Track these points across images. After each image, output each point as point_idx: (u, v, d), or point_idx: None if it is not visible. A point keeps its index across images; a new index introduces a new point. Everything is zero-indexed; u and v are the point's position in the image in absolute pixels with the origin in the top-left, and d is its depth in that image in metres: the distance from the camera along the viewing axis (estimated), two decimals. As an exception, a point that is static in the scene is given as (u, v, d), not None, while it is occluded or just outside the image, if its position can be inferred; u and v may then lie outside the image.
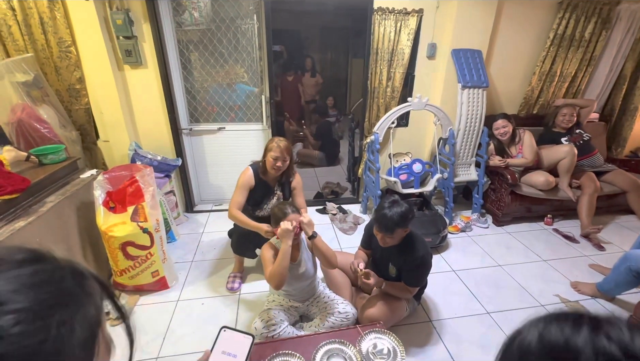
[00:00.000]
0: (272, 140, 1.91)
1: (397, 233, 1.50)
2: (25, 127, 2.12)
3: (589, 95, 3.15)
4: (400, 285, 1.62)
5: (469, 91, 2.66)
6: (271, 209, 1.65)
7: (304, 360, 1.26)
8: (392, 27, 2.56)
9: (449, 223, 2.80)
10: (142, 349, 1.67)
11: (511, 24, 2.76)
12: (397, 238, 1.54)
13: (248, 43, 2.64)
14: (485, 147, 2.80)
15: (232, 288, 2.07)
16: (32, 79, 2.16)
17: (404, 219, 1.48)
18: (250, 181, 1.93)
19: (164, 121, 2.66)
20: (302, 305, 1.74)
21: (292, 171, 2.01)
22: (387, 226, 1.48)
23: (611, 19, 2.82)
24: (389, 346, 1.34)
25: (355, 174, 3.25)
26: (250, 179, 1.93)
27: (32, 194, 1.70)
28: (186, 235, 2.69)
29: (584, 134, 2.83)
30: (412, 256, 1.55)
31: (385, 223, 1.48)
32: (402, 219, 1.47)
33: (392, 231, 1.48)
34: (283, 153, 1.86)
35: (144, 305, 1.96)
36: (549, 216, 2.88)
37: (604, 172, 2.86)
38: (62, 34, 2.20)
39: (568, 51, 2.88)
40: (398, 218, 1.46)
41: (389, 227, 1.47)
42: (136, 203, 1.92)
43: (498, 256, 2.44)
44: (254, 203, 1.98)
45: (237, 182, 1.92)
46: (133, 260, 1.91)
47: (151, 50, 2.42)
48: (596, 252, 2.50)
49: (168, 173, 2.65)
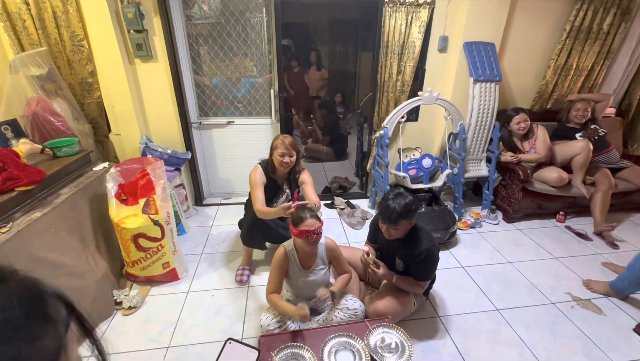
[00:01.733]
0: (277, 137, 1.95)
1: (402, 224, 1.50)
2: (39, 120, 2.16)
3: (605, 89, 3.06)
4: (411, 280, 1.62)
5: (481, 85, 2.61)
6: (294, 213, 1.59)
7: (312, 352, 1.27)
8: (403, 19, 2.51)
9: (458, 219, 2.78)
10: (154, 339, 1.71)
11: (526, 16, 2.69)
12: (402, 230, 1.54)
13: (257, 36, 2.63)
14: (496, 143, 2.75)
15: (241, 281, 2.10)
16: (46, 73, 2.20)
17: (408, 211, 1.47)
18: (263, 177, 1.96)
19: (173, 114, 2.68)
20: (309, 302, 1.74)
21: (299, 167, 2.05)
22: (391, 217, 1.47)
23: (631, 10, 2.72)
24: (397, 341, 1.34)
25: (363, 169, 3.23)
26: (262, 176, 1.97)
27: (47, 186, 1.74)
28: (196, 228, 2.72)
29: (600, 129, 2.76)
30: (418, 250, 1.55)
31: (389, 214, 1.48)
32: (406, 210, 1.46)
33: (396, 222, 1.48)
34: (289, 149, 1.91)
35: (155, 296, 2.00)
36: (561, 213, 2.83)
37: (619, 168, 2.79)
38: (75, 28, 2.22)
39: (585, 44, 2.80)
40: (402, 209, 1.46)
41: (393, 218, 1.47)
42: (147, 195, 1.95)
43: (508, 253, 2.41)
44: (265, 199, 1.99)
45: (250, 181, 1.96)
46: (145, 252, 1.94)
47: (161, 44, 2.43)
48: (610, 250, 2.45)
49: (178, 166, 2.68)
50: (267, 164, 2.02)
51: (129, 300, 1.88)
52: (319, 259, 1.63)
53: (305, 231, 1.42)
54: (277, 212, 1.79)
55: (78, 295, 1.67)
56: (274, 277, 1.56)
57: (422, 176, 2.64)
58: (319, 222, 1.47)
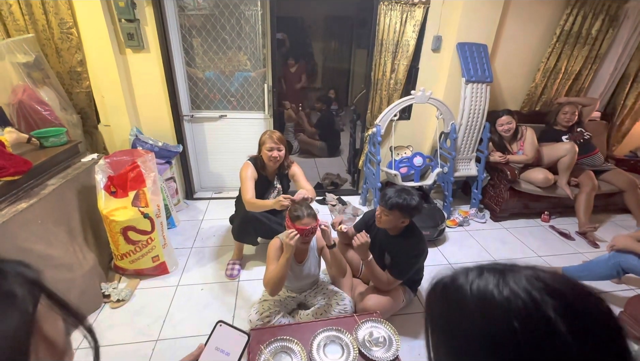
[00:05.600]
0: (264, 133, 1.96)
1: (394, 214, 1.51)
2: (26, 109, 2.11)
3: (592, 93, 3.15)
4: (383, 273, 1.62)
5: (472, 86, 2.65)
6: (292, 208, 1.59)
7: (301, 346, 1.29)
8: (398, 18, 2.53)
9: (447, 217, 2.82)
10: (143, 332, 1.70)
11: (518, 19, 2.74)
12: (392, 222, 1.55)
13: (251, 30, 2.61)
14: (486, 143, 2.81)
15: (232, 275, 2.10)
16: (33, 60, 2.14)
17: (407, 206, 1.48)
18: (254, 173, 1.96)
19: (165, 106, 2.64)
20: (299, 295, 1.76)
21: (288, 161, 2.05)
22: (390, 202, 1.49)
23: (619, 16, 2.79)
24: (384, 335, 1.37)
25: (355, 166, 3.25)
26: (253, 171, 1.97)
27: (34, 176, 1.71)
28: (186, 222, 2.71)
29: (585, 132, 2.83)
30: (410, 246, 1.58)
31: (389, 198, 1.50)
32: (406, 204, 1.48)
33: (390, 208, 1.50)
34: (277, 143, 1.92)
35: (144, 289, 1.98)
36: (546, 212, 2.90)
37: (602, 171, 2.88)
38: (64, 15, 2.16)
39: (574, 48, 2.86)
40: (403, 201, 1.48)
41: (389, 204, 1.49)
42: (137, 188, 1.93)
43: (494, 251, 2.48)
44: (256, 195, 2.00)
45: (241, 177, 1.95)
46: (134, 245, 1.93)
47: (153, 35, 2.39)
48: (591, 249, 2.54)
49: (169, 159, 2.65)
50: (256, 160, 2.01)
51: (118, 293, 1.86)
52: (311, 252, 1.65)
53: (301, 229, 1.44)
54: (268, 205, 1.79)
55: (65, 287, 1.65)
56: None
57: (413, 174, 2.68)
58: (315, 222, 1.49)
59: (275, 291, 1.50)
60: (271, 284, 1.48)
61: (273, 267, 1.50)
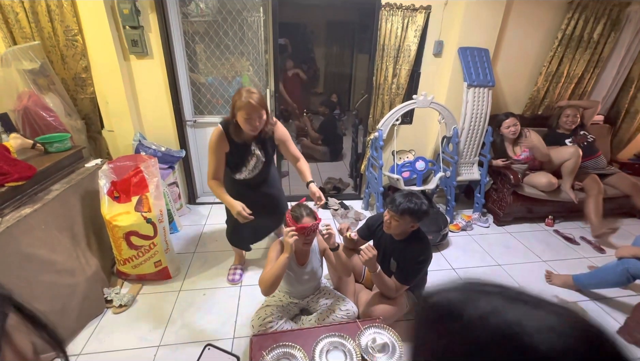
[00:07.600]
0: (240, 93, 1.53)
1: (405, 219, 1.48)
2: (31, 115, 2.13)
3: (595, 97, 3.13)
4: (390, 281, 1.60)
5: (474, 90, 2.65)
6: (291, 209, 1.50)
7: (303, 352, 1.28)
8: (399, 23, 2.54)
9: (450, 222, 2.81)
10: (145, 338, 1.70)
11: (519, 23, 2.74)
12: (402, 227, 1.52)
13: (254, 36, 2.63)
14: (489, 147, 2.80)
15: (233, 280, 2.09)
16: (39, 67, 2.17)
17: (419, 210, 1.46)
18: (222, 142, 1.66)
19: (168, 112, 2.66)
20: (302, 301, 1.75)
21: (270, 122, 1.69)
22: (401, 207, 1.46)
23: (620, 20, 2.79)
24: (388, 341, 1.36)
25: (357, 171, 3.25)
26: (222, 140, 1.65)
27: (38, 181, 1.72)
28: (188, 227, 2.71)
29: (588, 135, 2.82)
30: (417, 252, 1.56)
31: (400, 204, 1.47)
32: (417, 208, 1.46)
33: (401, 213, 1.47)
34: (257, 109, 1.53)
35: (146, 294, 1.98)
36: (550, 217, 2.88)
37: (606, 175, 2.86)
38: (69, 23, 2.20)
39: (576, 52, 2.86)
40: (414, 206, 1.46)
41: (400, 209, 1.46)
42: (140, 193, 1.94)
43: (498, 256, 2.46)
44: (232, 165, 1.78)
45: (208, 146, 1.68)
46: (136, 250, 1.93)
47: (157, 41, 2.42)
48: (596, 254, 2.51)
49: (172, 164, 2.66)
50: (228, 124, 1.64)
51: (120, 298, 1.86)
52: (313, 254, 1.64)
53: (301, 228, 1.43)
54: (228, 203, 1.67)
55: (68, 293, 1.65)
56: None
57: (415, 179, 2.67)
58: (316, 220, 1.47)
59: (269, 290, 1.44)
60: (265, 281, 1.42)
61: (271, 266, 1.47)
